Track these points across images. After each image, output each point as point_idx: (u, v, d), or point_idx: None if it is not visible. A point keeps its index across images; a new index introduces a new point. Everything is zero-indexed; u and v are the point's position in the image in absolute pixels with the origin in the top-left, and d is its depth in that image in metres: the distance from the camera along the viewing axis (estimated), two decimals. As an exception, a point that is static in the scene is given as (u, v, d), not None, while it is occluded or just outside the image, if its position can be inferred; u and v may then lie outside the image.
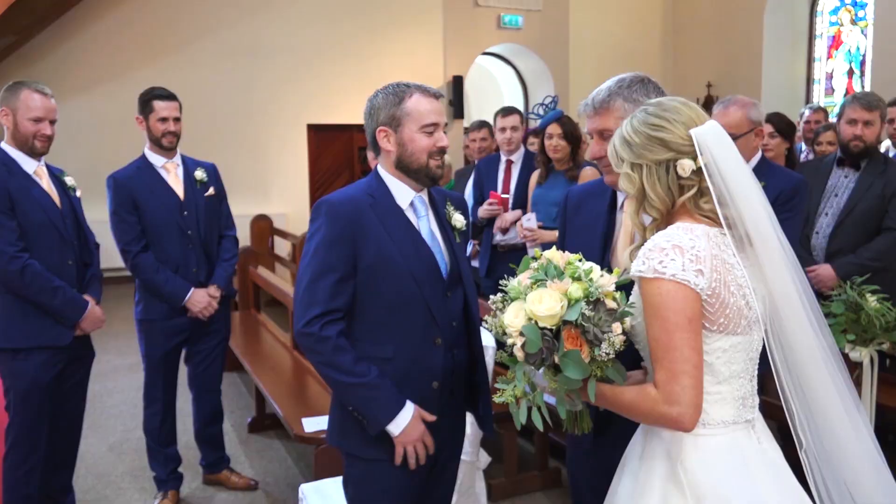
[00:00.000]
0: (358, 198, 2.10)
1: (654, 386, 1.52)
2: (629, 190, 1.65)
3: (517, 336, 1.58)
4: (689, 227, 1.57)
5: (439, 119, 2.10)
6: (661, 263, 1.51)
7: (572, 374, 1.53)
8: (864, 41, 10.32)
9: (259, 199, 10.13)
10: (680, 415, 1.49)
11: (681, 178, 1.59)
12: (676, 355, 1.49)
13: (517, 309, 1.59)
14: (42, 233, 3.02)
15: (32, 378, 3.01)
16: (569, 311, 1.54)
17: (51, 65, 9.28)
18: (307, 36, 10.44)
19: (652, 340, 1.53)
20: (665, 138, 1.58)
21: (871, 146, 3.58)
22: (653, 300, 1.52)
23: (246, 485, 3.88)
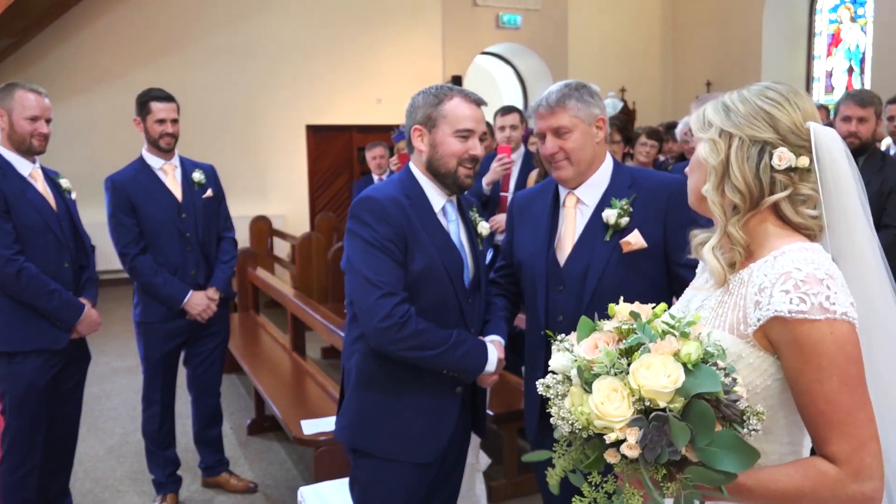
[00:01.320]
0: (399, 199, 2.04)
1: (832, 460, 1.20)
2: (711, 159, 1.36)
3: (626, 429, 1.15)
4: (813, 247, 1.30)
5: (476, 126, 2.07)
6: (828, 299, 1.20)
7: (731, 465, 1.13)
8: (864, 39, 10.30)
9: (258, 201, 10.12)
10: (874, 491, 1.20)
11: (774, 169, 1.31)
12: (862, 417, 1.20)
13: (608, 389, 1.18)
14: (38, 235, 3.00)
15: (28, 381, 2.99)
16: (700, 381, 1.14)
17: (47, 67, 9.28)
18: (306, 37, 10.44)
19: (822, 401, 1.21)
20: (776, 116, 1.32)
21: (868, 143, 3.56)
22: (824, 348, 1.20)
23: (245, 487, 3.86)
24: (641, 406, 1.16)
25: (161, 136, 3.47)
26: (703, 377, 1.14)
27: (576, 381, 1.23)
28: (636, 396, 1.16)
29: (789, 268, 1.24)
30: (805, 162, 1.32)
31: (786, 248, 1.29)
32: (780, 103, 1.33)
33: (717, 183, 1.36)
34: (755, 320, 1.26)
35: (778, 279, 1.24)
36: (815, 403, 1.21)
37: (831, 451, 1.20)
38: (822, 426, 1.22)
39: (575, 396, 1.22)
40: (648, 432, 1.13)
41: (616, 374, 1.19)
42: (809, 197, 1.33)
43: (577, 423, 1.20)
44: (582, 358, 1.23)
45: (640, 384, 1.15)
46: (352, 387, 2.15)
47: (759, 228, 1.35)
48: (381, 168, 6.26)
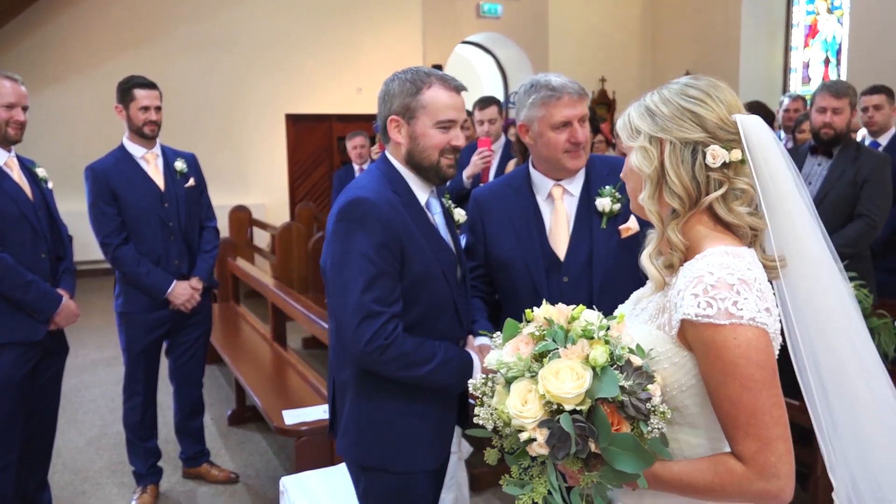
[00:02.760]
0: (392, 198, 1.90)
1: (739, 458, 1.24)
2: (644, 168, 1.36)
3: (536, 430, 1.23)
4: (737, 251, 1.29)
5: (458, 116, 1.94)
6: (734, 304, 1.22)
7: (628, 466, 1.19)
8: (841, 30, 10.41)
9: (237, 190, 10.06)
10: (779, 489, 1.23)
11: (709, 168, 1.32)
12: (766, 419, 1.22)
13: (523, 391, 1.24)
14: (14, 226, 2.95)
15: (5, 375, 2.94)
16: (603, 385, 1.20)
17: (22, 54, 9.12)
18: (285, 26, 10.36)
19: (727, 403, 1.24)
20: (701, 114, 1.32)
21: (842, 133, 3.61)
22: (727, 353, 1.22)
23: (226, 478, 3.86)
24: (552, 408, 1.21)
25: (145, 124, 3.44)
26: (605, 382, 1.19)
27: (499, 380, 1.30)
28: (545, 400, 1.22)
29: (703, 272, 1.26)
30: (738, 155, 1.32)
31: (709, 250, 1.30)
32: (702, 100, 1.33)
33: (653, 190, 1.37)
34: (675, 322, 1.29)
35: (691, 282, 1.26)
36: (722, 404, 1.26)
37: (738, 450, 1.25)
38: (729, 426, 1.26)
39: (501, 395, 1.29)
40: (556, 433, 1.20)
41: (530, 378, 1.25)
42: (744, 192, 1.33)
43: (499, 420, 1.28)
44: (501, 362, 1.30)
45: (546, 389, 1.21)
46: (351, 401, 2.00)
47: (694, 230, 1.35)
48: (362, 157, 6.25)
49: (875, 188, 3.53)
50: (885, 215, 3.59)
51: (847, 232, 3.53)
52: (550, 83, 2.10)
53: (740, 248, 1.31)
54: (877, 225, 3.54)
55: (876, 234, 3.58)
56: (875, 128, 4.47)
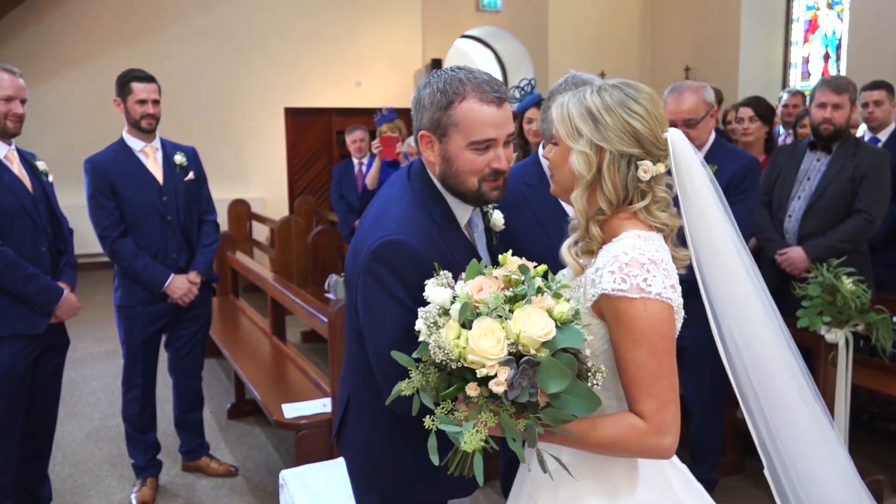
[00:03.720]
0: (429, 231, 1.65)
1: (640, 416, 1.39)
2: (584, 172, 1.48)
3: (497, 367, 1.27)
4: (648, 235, 1.47)
5: (497, 133, 1.62)
6: (644, 281, 1.38)
7: (580, 410, 1.29)
8: (841, 25, 10.39)
9: (237, 184, 10.05)
10: (670, 445, 1.40)
11: (639, 180, 1.47)
12: (664, 382, 1.40)
13: (486, 329, 1.28)
14: (14, 219, 2.95)
15: (6, 367, 2.94)
16: (567, 337, 1.29)
17: (21, 47, 9.10)
18: (285, 19, 10.33)
19: (632, 366, 1.40)
20: (641, 132, 1.45)
21: (842, 129, 3.61)
22: (638, 323, 1.38)
23: (226, 471, 3.87)
24: (514, 349, 1.28)
25: (142, 117, 3.43)
26: (570, 335, 1.29)
27: (454, 316, 1.33)
28: (511, 340, 1.28)
29: (618, 252, 1.42)
30: (662, 168, 1.49)
31: (623, 234, 1.47)
32: (644, 118, 1.46)
33: (585, 190, 1.51)
34: (591, 295, 1.45)
35: (608, 261, 1.43)
36: (628, 368, 1.41)
37: (639, 409, 1.40)
38: (633, 388, 1.41)
39: (451, 330, 1.32)
40: (518, 373, 1.27)
41: (496, 317, 1.30)
42: (663, 199, 1.50)
43: (452, 353, 1.30)
44: (468, 296, 1.34)
45: (520, 330, 1.27)
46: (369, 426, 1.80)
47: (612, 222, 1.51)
48: (362, 152, 6.24)
49: (873, 184, 3.54)
50: (884, 211, 3.60)
51: (845, 227, 3.53)
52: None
53: (650, 232, 1.49)
54: (875, 220, 3.54)
55: (874, 230, 3.58)
56: (875, 123, 4.47)
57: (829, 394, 3.19)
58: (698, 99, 3.09)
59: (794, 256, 3.56)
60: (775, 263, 3.64)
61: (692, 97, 3.08)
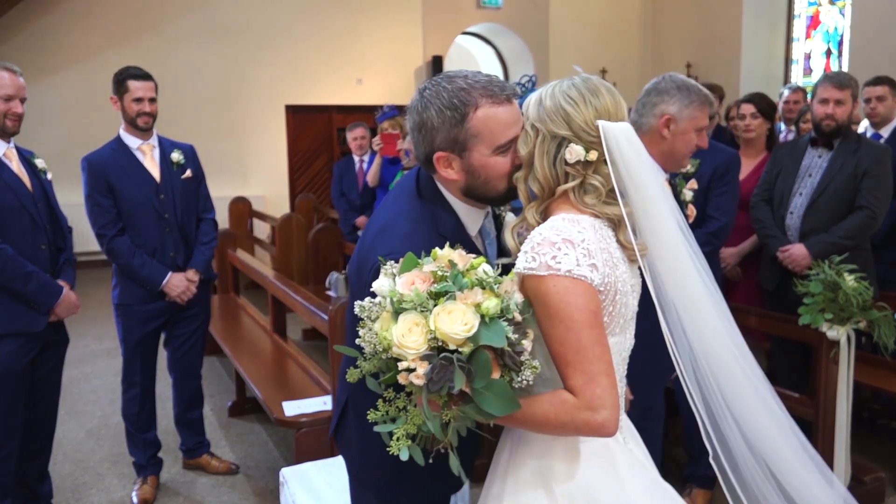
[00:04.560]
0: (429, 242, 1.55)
1: (571, 392, 1.38)
2: (521, 149, 1.54)
3: (417, 361, 1.29)
4: (574, 218, 1.48)
5: (518, 130, 1.59)
6: (554, 259, 1.40)
7: (496, 409, 1.30)
8: (843, 21, 10.37)
9: (237, 182, 10.05)
10: (605, 420, 1.37)
11: (566, 163, 1.49)
12: (589, 355, 1.38)
13: (410, 322, 1.30)
14: (13, 217, 2.94)
15: (5, 365, 2.94)
16: (490, 334, 1.28)
17: (20, 45, 9.09)
18: (285, 16, 10.32)
19: (556, 343, 1.40)
20: (571, 114, 1.49)
21: (844, 125, 3.59)
22: (550, 299, 1.40)
23: (226, 469, 3.87)
24: (436, 344, 1.29)
25: (138, 115, 3.43)
26: (494, 331, 1.28)
27: (387, 308, 1.35)
28: (432, 335, 1.28)
29: (534, 233, 1.46)
30: (594, 156, 1.49)
31: (550, 219, 1.49)
32: (577, 102, 1.49)
33: (527, 172, 1.55)
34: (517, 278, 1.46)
35: (528, 241, 1.46)
36: (553, 345, 1.42)
37: (570, 385, 1.39)
38: (560, 364, 1.41)
39: (385, 321, 1.34)
40: (436, 367, 1.28)
41: (421, 312, 1.31)
42: (595, 188, 1.51)
43: (380, 345, 1.33)
44: (396, 291, 1.35)
45: (437, 326, 1.28)
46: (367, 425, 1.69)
47: (553, 211, 1.53)
48: (362, 149, 6.22)
49: (875, 180, 3.52)
50: (886, 207, 3.58)
51: (847, 224, 3.52)
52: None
53: (581, 216, 1.49)
54: (877, 217, 3.52)
55: (876, 227, 3.57)
56: (877, 119, 4.45)
57: (831, 391, 3.18)
58: None
59: (796, 253, 3.54)
60: (777, 260, 3.63)
61: None
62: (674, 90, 2.38)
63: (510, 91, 1.60)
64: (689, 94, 2.35)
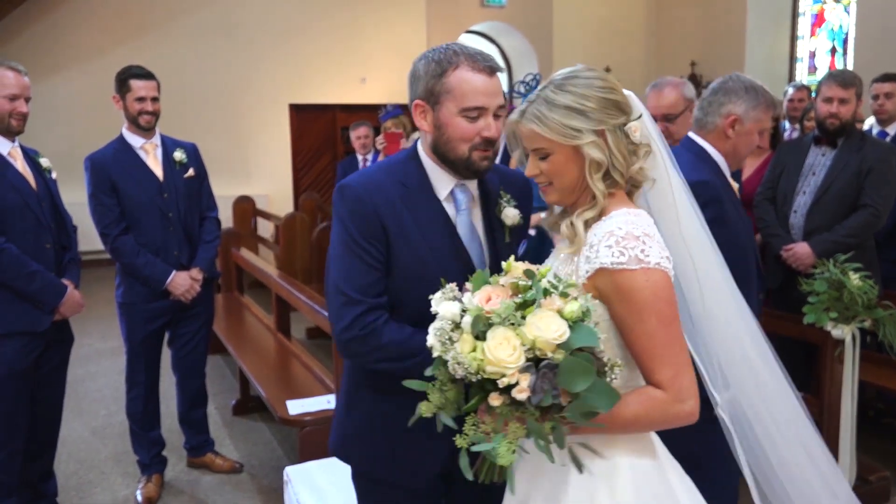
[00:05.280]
0: (386, 187, 1.73)
1: (658, 386, 1.43)
2: (603, 158, 1.51)
3: (518, 374, 1.28)
4: (637, 212, 1.52)
5: (488, 102, 1.68)
6: (642, 252, 1.42)
7: (603, 403, 1.30)
8: (848, 19, 10.33)
9: (241, 180, 10.05)
10: (692, 408, 1.44)
11: (632, 143, 1.55)
12: (677, 348, 1.44)
13: (500, 339, 1.29)
14: (18, 216, 2.95)
15: (9, 364, 2.95)
16: (582, 336, 1.29)
17: (25, 44, 9.10)
18: (289, 15, 10.31)
19: (645, 337, 1.43)
20: (619, 101, 1.54)
21: (848, 124, 3.58)
22: (641, 294, 1.41)
23: (231, 467, 3.87)
24: (532, 355, 1.29)
25: (140, 115, 3.43)
26: (584, 333, 1.30)
27: (466, 329, 1.34)
28: (527, 346, 1.28)
29: (612, 227, 1.46)
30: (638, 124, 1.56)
31: (613, 213, 1.51)
32: (613, 89, 1.54)
33: (604, 174, 1.54)
34: (584, 272, 1.47)
35: (603, 237, 1.46)
36: (640, 340, 1.43)
37: (657, 379, 1.43)
38: (647, 359, 1.44)
39: (465, 343, 1.33)
40: (538, 378, 1.27)
41: (509, 325, 1.31)
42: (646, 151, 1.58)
43: (471, 367, 1.31)
44: (479, 308, 1.34)
45: (535, 336, 1.28)
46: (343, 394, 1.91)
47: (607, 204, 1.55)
48: (366, 148, 6.23)
49: (879, 178, 3.51)
50: (890, 205, 3.57)
51: (850, 222, 3.51)
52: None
53: (638, 210, 1.54)
54: (881, 215, 3.52)
55: (880, 225, 3.56)
56: (885, 116, 4.43)
57: (836, 390, 3.17)
58: (678, 94, 3.14)
59: (800, 252, 3.53)
60: (780, 259, 3.62)
61: (672, 92, 3.13)
62: (741, 91, 2.41)
63: (493, 64, 1.72)
64: (757, 96, 2.39)
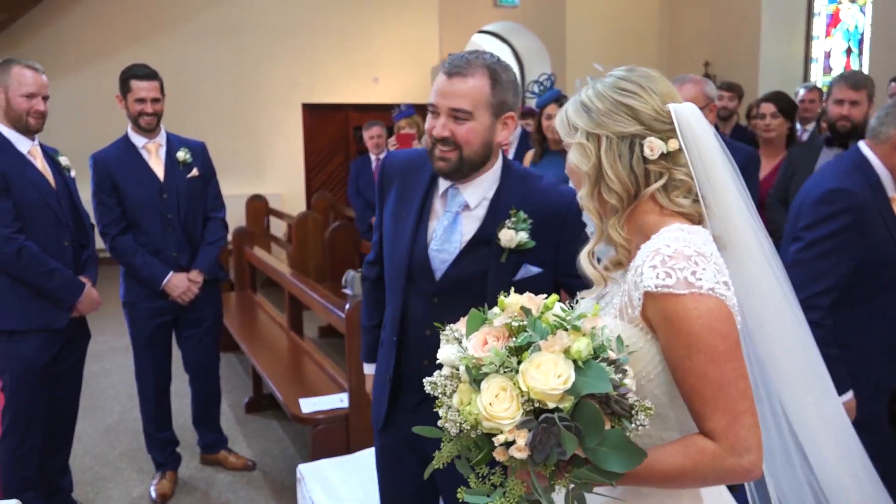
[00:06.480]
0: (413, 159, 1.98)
1: (709, 436, 1.20)
2: (582, 165, 1.34)
3: (515, 431, 1.11)
4: (692, 229, 1.29)
5: (437, 100, 1.77)
6: (693, 274, 1.19)
7: (618, 465, 1.10)
8: (863, 19, 10.26)
9: (254, 180, 10.10)
10: (752, 463, 1.19)
11: (647, 160, 1.31)
12: (733, 391, 1.19)
13: (496, 388, 1.12)
14: (37, 214, 2.98)
15: (28, 361, 2.99)
16: (590, 381, 1.10)
17: (40, 43, 9.18)
18: (302, 15, 10.35)
19: (692, 377, 1.20)
20: (636, 107, 1.31)
21: (860, 125, 3.56)
22: (689, 324, 1.19)
23: (244, 465, 3.89)
24: (531, 406, 1.11)
25: (140, 115, 3.40)
26: (593, 376, 1.10)
27: (464, 378, 1.17)
28: (525, 397, 1.11)
29: (660, 245, 1.24)
30: (675, 145, 1.31)
31: (664, 229, 1.28)
32: (636, 93, 1.31)
33: (593, 188, 1.35)
34: (637, 300, 1.25)
35: (648, 256, 1.24)
36: (687, 380, 1.21)
37: (708, 427, 1.20)
38: (696, 402, 1.21)
39: (464, 394, 1.17)
40: (538, 434, 1.09)
41: (505, 373, 1.13)
42: (683, 182, 1.32)
43: (466, 423, 1.15)
44: (470, 356, 1.16)
45: (529, 386, 1.10)
46: None
47: (642, 219, 1.34)
48: (379, 147, 6.24)
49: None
50: (903, 207, 3.54)
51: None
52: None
53: (694, 226, 1.31)
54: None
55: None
56: (901, 117, 4.39)
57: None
58: (698, 90, 3.18)
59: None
60: (793, 261, 3.60)
61: (693, 88, 3.17)
62: None
63: (449, 67, 1.75)
64: None
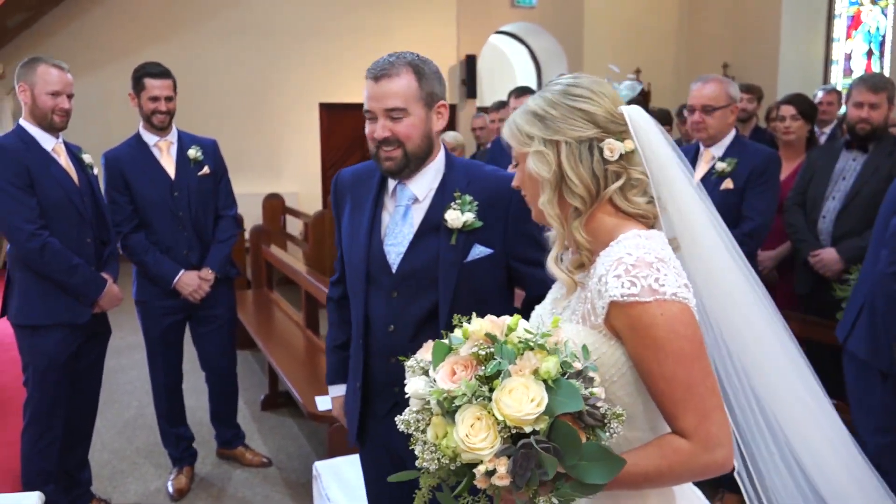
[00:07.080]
0: (360, 171, 2.03)
1: (682, 435, 1.25)
2: (543, 171, 1.35)
3: (495, 461, 1.11)
4: (649, 234, 1.33)
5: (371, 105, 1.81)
6: (657, 281, 1.23)
7: (599, 476, 1.12)
8: (885, 21, 10.16)
9: (271, 178, 10.15)
10: (724, 458, 1.25)
11: (607, 162, 1.33)
12: (702, 390, 1.24)
13: (471, 419, 1.12)
14: (61, 210, 3.02)
15: (50, 355, 3.03)
16: (564, 400, 1.11)
17: (62, 42, 9.28)
18: (319, 15, 10.39)
19: (661, 381, 1.24)
20: (591, 111, 1.33)
21: (879, 128, 3.54)
22: (656, 330, 1.23)
23: (260, 462, 3.92)
24: (508, 433, 1.12)
25: (153, 114, 3.41)
26: (565, 395, 1.12)
27: (436, 411, 1.17)
28: (502, 424, 1.11)
29: (621, 254, 1.27)
30: (630, 145, 1.35)
31: (622, 236, 1.32)
32: (589, 98, 1.35)
33: (553, 194, 1.37)
34: (601, 308, 1.28)
35: (612, 266, 1.27)
36: (657, 383, 1.25)
37: (680, 427, 1.25)
38: (667, 403, 1.25)
39: (438, 427, 1.16)
40: (518, 460, 1.10)
41: (479, 403, 1.13)
42: (640, 181, 1.36)
43: (444, 457, 1.15)
44: (440, 389, 1.16)
45: (505, 415, 1.10)
46: None
47: (599, 223, 1.36)
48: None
49: (912, 183, 3.46)
50: (921, 210, 3.51)
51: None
52: None
53: (650, 231, 1.35)
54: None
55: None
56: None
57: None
58: (722, 89, 3.23)
59: (826, 258, 3.50)
60: (809, 265, 3.58)
61: (716, 86, 3.23)
62: None
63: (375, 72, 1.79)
64: None
